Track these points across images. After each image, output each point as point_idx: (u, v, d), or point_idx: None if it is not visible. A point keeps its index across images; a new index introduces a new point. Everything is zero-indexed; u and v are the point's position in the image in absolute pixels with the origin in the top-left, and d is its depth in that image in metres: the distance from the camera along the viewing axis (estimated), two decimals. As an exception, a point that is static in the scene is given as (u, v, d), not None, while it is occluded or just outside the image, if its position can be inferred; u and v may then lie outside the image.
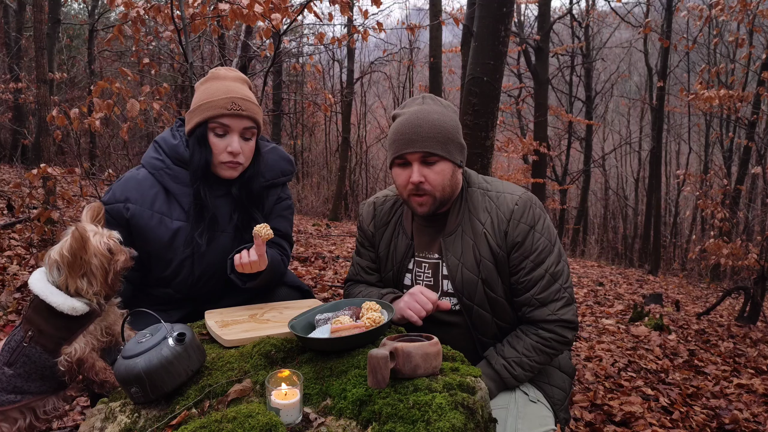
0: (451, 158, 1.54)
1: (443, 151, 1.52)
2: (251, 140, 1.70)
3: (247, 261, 1.59)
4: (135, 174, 1.72)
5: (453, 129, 1.55)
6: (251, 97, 1.69)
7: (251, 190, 1.76)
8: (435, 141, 1.51)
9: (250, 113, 1.65)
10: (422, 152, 1.51)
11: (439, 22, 7.77)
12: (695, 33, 12.83)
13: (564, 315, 1.54)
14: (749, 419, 3.12)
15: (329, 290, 4.62)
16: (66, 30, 12.68)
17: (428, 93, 2.01)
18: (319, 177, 17.50)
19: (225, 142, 1.64)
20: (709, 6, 6.77)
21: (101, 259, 1.33)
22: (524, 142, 9.97)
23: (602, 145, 20.20)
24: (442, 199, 1.57)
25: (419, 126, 1.51)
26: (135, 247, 1.68)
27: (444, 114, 1.55)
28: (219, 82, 1.67)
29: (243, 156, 1.67)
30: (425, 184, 1.53)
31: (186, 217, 1.69)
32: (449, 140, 1.53)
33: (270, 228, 1.57)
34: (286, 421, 1.08)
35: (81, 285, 1.31)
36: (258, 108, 1.70)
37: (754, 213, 10.96)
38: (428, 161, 1.53)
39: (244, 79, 1.73)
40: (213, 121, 1.63)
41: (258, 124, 1.70)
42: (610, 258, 16.17)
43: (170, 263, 1.69)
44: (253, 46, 5.74)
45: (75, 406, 2.41)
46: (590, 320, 5.33)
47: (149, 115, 5.64)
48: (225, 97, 1.62)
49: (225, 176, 1.69)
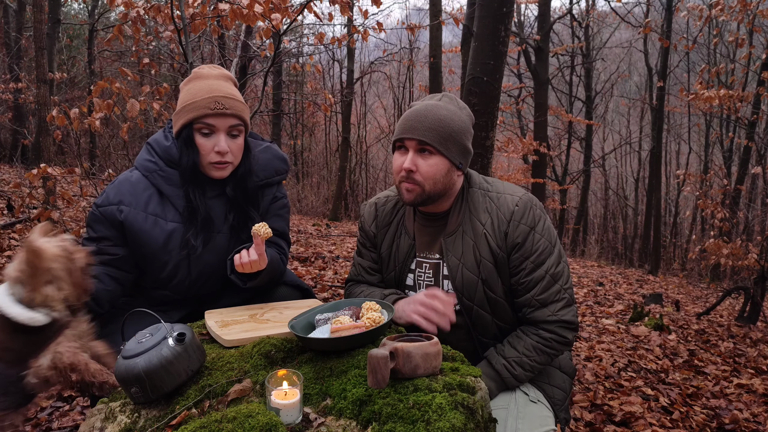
0: (447, 155, 1.53)
1: (440, 146, 1.52)
2: (239, 138, 1.68)
3: (247, 261, 1.58)
4: (128, 176, 1.71)
5: (459, 129, 1.55)
6: (236, 94, 1.66)
7: (246, 189, 1.75)
8: (434, 133, 1.51)
9: (234, 111, 1.63)
10: (418, 140, 1.52)
11: (439, 22, 7.77)
12: (695, 33, 12.85)
13: (564, 316, 1.54)
14: (749, 419, 3.12)
15: (329, 290, 4.62)
16: (66, 30, 12.69)
17: (423, 94, 2.00)
18: (319, 177, 17.49)
19: (212, 142, 1.63)
20: (709, 6, 6.77)
21: (61, 261, 1.29)
22: (524, 142, 9.97)
23: (602, 145, 20.21)
24: (431, 193, 1.56)
25: (424, 116, 1.52)
26: (130, 250, 1.68)
27: (454, 113, 1.55)
28: (202, 81, 1.64)
29: (231, 155, 1.66)
30: (416, 174, 1.53)
31: (180, 219, 1.69)
32: (450, 138, 1.53)
33: (268, 227, 1.57)
34: (286, 421, 1.08)
35: (49, 293, 1.26)
36: (243, 105, 1.67)
37: (754, 213, 10.95)
38: (424, 151, 1.53)
39: (228, 76, 1.70)
40: (198, 121, 1.62)
41: (244, 122, 1.67)
42: (610, 258, 16.16)
43: (166, 265, 1.69)
44: (253, 46, 5.74)
45: (75, 406, 2.40)
46: (590, 320, 5.33)
47: (149, 115, 5.64)
48: (208, 97, 1.60)
49: (214, 176, 1.68)
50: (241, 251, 1.62)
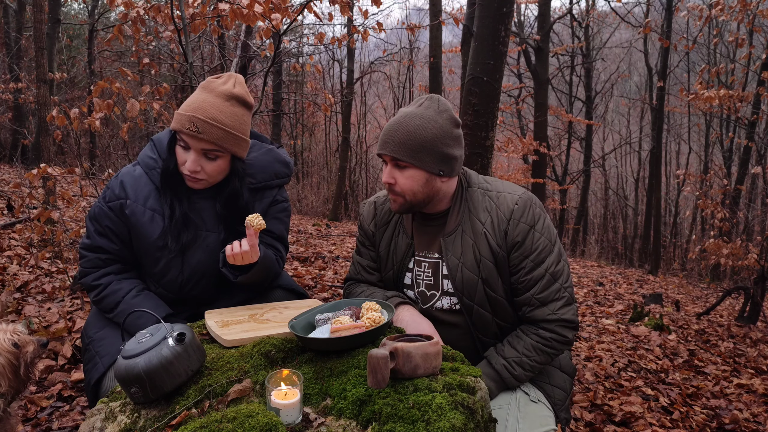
0: (422, 167, 1.52)
1: (411, 159, 1.52)
2: (217, 160, 1.62)
3: (238, 251, 1.57)
4: (131, 170, 1.73)
5: (432, 138, 1.51)
6: (223, 120, 1.57)
7: (236, 208, 1.72)
8: (404, 148, 1.51)
9: (209, 137, 1.56)
10: (391, 156, 1.54)
11: (439, 22, 7.77)
12: (695, 33, 12.85)
13: (564, 314, 1.54)
14: (749, 419, 3.12)
15: (329, 290, 4.62)
16: (66, 30, 12.69)
17: (423, 94, 1.99)
18: (319, 177, 17.50)
19: (185, 157, 1.62)
20: (709, 6, 6.77)
21: (8, 357, 1.26)
22: (524, 142, 9.97)
23: (602, 145, 20.22)
24: (414, 203, 1.58)
25: (395, 131, 1.53)
26: (131, 242, 1.69)
27: (429, 121, 1.52)
28: (203, 94, 1.61)
29: (204, 173, 1.63)
30: (395, 186, 1.56)
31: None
32: (421, 149, 1.51)
33: (262, 218, 1.57)
34: (286, 421, 1.08)
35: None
36: (225, 133, 1.58)
37: (754, 213, 10.96)
38: (399, 165, 1.55)
39: (233, 95, 1.61)
40: (177, 133, 1.62)
41: (224, 149, 1.60)
42: (610, 258, 16.17)
43: (159, 261, 1.70)
44: (253, 46, 5.74)
45: (75, 406, 2.40)
46: (590, 320, 5.33)
47: (149, 115, 5.64)
48: (189, 115, 1.56)
49: (189, 185, 1.68)
50: (233, 242, 1.62)
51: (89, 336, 1.70)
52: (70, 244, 4.20)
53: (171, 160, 1.65)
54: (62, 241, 4.20)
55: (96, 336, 1.68)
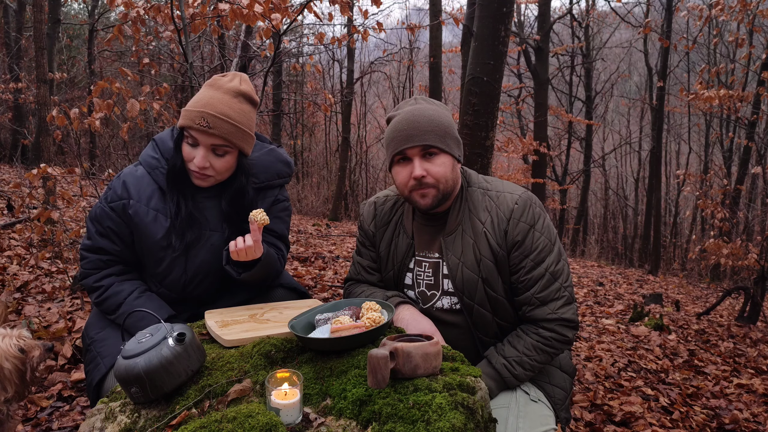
0: (450, 151, 1.56)
1: (442, 144, 1.53)
2: (225, 156, 1.64)
3: (242, 246, 1.58)
4: (133, 171, 1.73)
5: (449, 124, 1.57)
6: (232, 115, 1.59)
7: (241, 206, 1.73)
8: (434, 134, 1.53)
9: (220, 132, 1.57)
10: (422, 146, 1.52)
11: (439, 22, 7.77)
12: (695, 33, 12.85)
13: (564, 314, 1.54)
14: (749, 419, 3.12)
15: (329, 290, 4.62)
16: (66, 30, 12.69)
17: (422, 94, 2.01)
18: (319, 177, 17.49)
19: (193, 153, 1.62)
20: (709, 6, 6.77)
21: (14, 363, 1.26)
22: (524, 142, 9.97)
23: (602, 145, 20.22)
24: (445, 192, 1.57)
25: (417, 122, 1.53)
26: (134, 242, 1.69)
27: (438, 111, 1.58)
28: (211, 90, 1.62)
29: (213, 170, 1.64)
30: (428, 178, 1.54)
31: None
32: (447, 134, 1.55)
33: (265, 213, 1.57)
34: (286, 421, 1.08)
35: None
36: (235, 128, 1.60)
37: (754, 213, 10.96)
38: (428, 154, 1.54)
39: (241, 92, 1.63)
40: (186, 130, 1.62)
41: (233, 144, 1.61)
42: (610, 258, 16.16)
43: (162, 261, 1.70)
44: (253, 46, 5.74)
45: (75, 406, 2.40)
46: (590, 320, 5.33)
47: (149, 115, 5.64)
48: (199, 111, 1.57)
49: (196, 184, 1.68)
50: (237, 238, 1.62)
51: (91, 336, 1.70)
52: (70, 244, 4.20)
53: (177, 158, 1.65)
54: (62, 241, 4.19)
55: (98, 337, 1.68)
